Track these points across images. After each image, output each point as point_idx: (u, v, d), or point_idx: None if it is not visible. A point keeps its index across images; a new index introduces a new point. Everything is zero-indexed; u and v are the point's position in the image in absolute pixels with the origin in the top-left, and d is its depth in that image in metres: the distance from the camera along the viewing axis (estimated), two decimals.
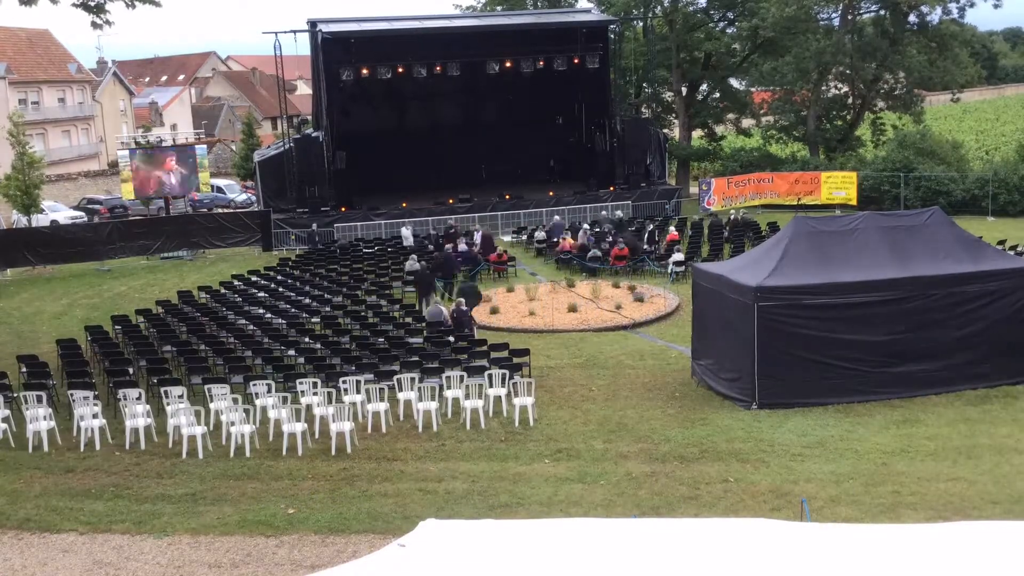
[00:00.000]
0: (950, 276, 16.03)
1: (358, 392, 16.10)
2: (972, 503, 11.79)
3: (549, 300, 24.73)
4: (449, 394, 16.25)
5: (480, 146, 39.47)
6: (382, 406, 15.65)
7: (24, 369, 18.09)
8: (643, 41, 46.35)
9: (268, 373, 17.68)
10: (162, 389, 16.08)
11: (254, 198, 42.12)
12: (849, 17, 42.95)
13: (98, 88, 65.97)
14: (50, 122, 59.38)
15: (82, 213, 42.78)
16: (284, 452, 14.62)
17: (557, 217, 33.84)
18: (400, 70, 36.47)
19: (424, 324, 21.12)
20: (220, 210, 42.19)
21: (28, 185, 35.58)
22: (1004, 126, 66.01)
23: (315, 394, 16.06)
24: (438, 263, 26.69)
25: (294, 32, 37.12)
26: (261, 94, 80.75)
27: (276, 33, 36.44)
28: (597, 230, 31.43)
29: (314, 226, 34.05)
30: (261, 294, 25.22)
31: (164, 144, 38.21)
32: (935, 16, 42.12)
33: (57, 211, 41.51)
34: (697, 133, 49.02)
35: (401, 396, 16.24)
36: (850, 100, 45.57)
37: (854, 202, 36.64)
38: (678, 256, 27.08)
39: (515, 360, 17.78)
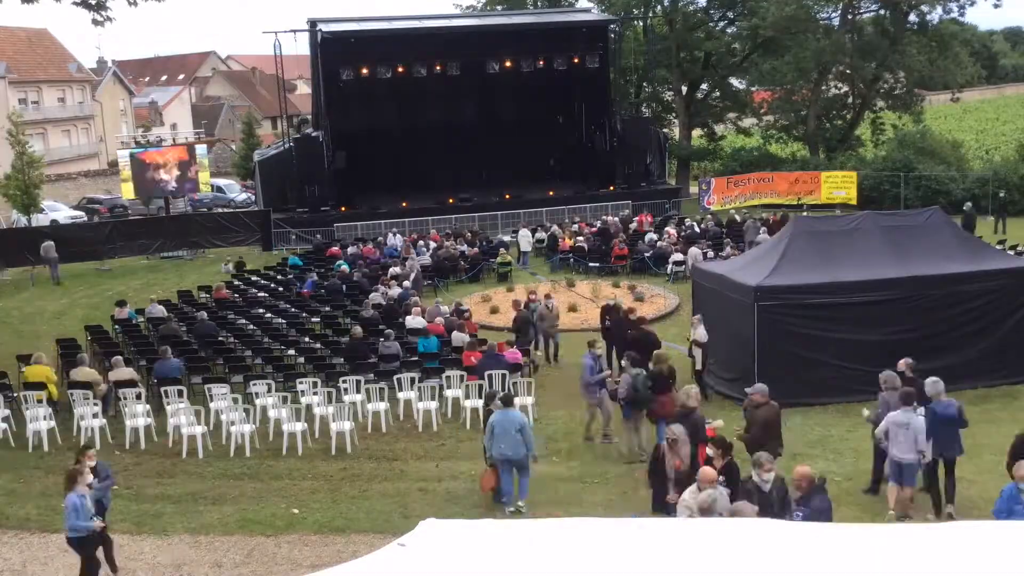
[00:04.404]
0: (950, 276, 16.02)
1: (358, 392, 16.09)
2: (972, 503, 11.77)
3: None
4: (449, 394, 16.24)
5: (480, 145, 39.47)
6: (382, 406, 15.65)
7: (24, 368, 18.07)
8: (643, 41, 46.36)
9: (268, 373, 17.67)
10: (162, 389, 16.07)
11: (254, 198, 42.11)
12: (849, 16, 42.99)
13: (98, 88, 65.94)
14: (50, 122, 59.35)
15: (82, 213, 42.76)
16: (284, 452, 14.62)
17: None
18: (400, 70, 36.48)
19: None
20: (220, 210, 42.17)
21: (28, 185, 35.61)
22: (1004, 126, 66.00)
23: (315, 394, 16.05)
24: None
25: (294, 32, 37.23)
26: (261, 94, 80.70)
27: (276, 33, 36.56)
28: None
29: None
30: (261, 294, 25.26)
31: (164, 143, 38.20)
32: (935, 16, 42.25)
33: (57, 211, 41.48)
34: (697, 133, 49.03)
35: (401, 396, 16.24)
36: (850, 100, 45.61)
37: (854, 202, 36.67)
38: (678, 256, 27.08)
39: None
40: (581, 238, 30.14)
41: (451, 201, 36.75)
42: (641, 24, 46.81)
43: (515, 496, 12.22)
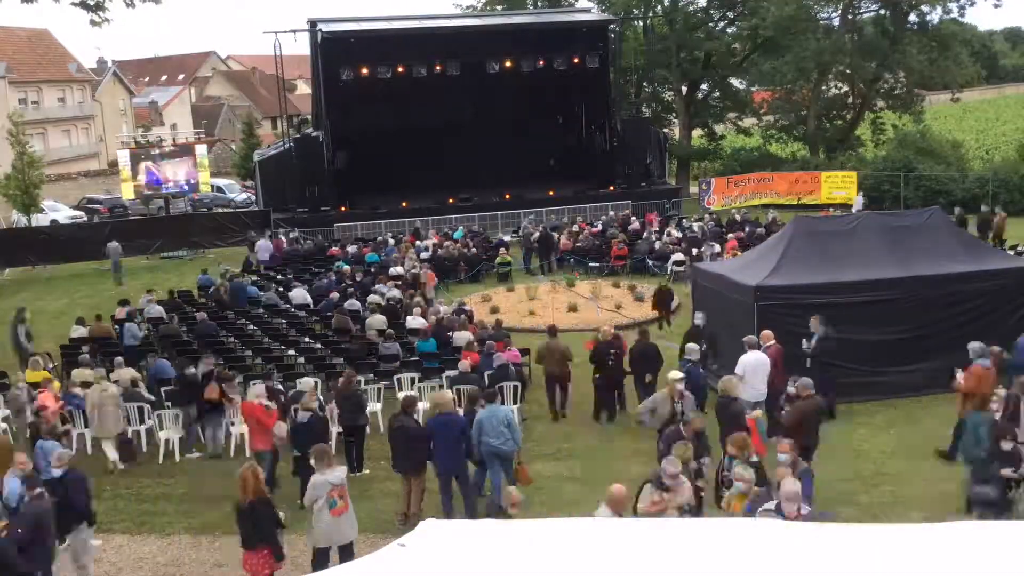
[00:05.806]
0: (950, 276, 16.01)
1: None
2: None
3: (549, 300, 24.72)
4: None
5: (480, 145, 39.44)
6: (381, 406, 15.62)
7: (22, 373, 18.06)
8: (643, 41, 46.35)
9: (268, 373, 17.62)
10: (162, 389, 16.06)
11: (254, 198, 42.12)
12: (849, 16, 42.99)
13: (98, 87, 65.98)
14: (50, 122, 59.39)
15: (82, 213, 42.76)
16: None
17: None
18: (400, 70, 36.46)
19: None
20: (220, 210, 42.18)
21: (28, 185, 35.62)
22: (1004, 125, 65.96)
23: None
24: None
25: (294, 32, 37.35)
26: (261, 94, 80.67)
27: (276, 33, 36.60)
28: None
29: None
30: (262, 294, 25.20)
31: (164, 143, 38.21)
32: (935, 16, 42.25)
33: (57, 211, 41.50)
34: (697, 132, 49.04)
35: (401, 396, 16.18)
36: (850, 100, 45.63)
37: (853, 202, 36.63)
38: (678, 256, 27.07)
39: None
40: (581, 237, 30.13)
41: (451, 201, 36.74)
42: (641, 24, 46.81)
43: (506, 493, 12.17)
